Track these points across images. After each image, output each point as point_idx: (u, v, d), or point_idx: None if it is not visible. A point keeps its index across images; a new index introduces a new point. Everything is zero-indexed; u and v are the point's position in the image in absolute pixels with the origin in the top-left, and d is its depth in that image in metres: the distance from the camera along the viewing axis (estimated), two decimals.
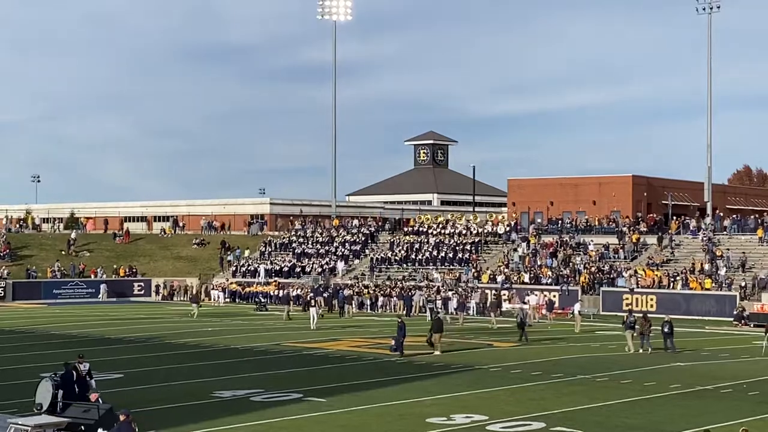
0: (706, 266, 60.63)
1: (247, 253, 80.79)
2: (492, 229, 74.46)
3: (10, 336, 45.29)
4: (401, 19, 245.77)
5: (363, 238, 78.25)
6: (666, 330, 39.59)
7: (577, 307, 51.38)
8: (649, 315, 42.36)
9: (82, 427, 19.51)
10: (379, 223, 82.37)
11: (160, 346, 41.19)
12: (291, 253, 78.49)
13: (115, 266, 78.69)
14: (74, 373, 24.08)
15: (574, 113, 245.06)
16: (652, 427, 23.38)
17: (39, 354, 36.87)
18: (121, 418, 19.21)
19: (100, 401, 19.56)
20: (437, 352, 37.51)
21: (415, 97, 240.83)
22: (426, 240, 74.74)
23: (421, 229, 77.51)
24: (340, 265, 73.52)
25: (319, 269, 73.75)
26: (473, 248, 71.68)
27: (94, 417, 20.17)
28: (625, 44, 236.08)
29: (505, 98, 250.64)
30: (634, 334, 39.63)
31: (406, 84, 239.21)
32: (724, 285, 58.43)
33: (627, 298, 59.46)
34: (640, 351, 38.83)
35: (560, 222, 74.51)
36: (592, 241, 68.28)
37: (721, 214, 72.60)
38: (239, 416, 24.30)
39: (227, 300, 70.84)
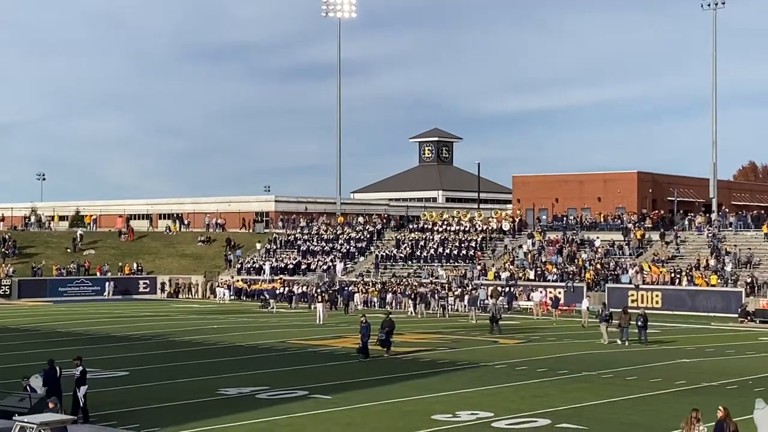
0: (712, 262, 60.53)
1: (258, 245, 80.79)
2: (497, 226, 74.44)
3: (16, 334, 45.37)
4: (406, 16, 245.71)
5: (368, 236, 78.24)
6: (640, 323, 41.26)
7: (585, 303, 51.62)
8: (629, 309, 44.75)
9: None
10: (384, 221, 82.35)
11: (166, 343, 41.23)
12: (296, 250, 78.54)
13: (120, 264, 78.79)
14: (58, 369, 24.18)
15: (579, 110, 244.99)
16: (658, 424, 23.35)
17: (43, 352, 36.84)
18: (50, 405, 20.38)
19: (58, 408, 20.50)
20: (386, 355, 35.89)
21: (419, 95, 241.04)
22: (431, 237, 74.71)
23: (426, 226, 77.48)
24: (339, 266, 73.10)
25: (324, 267, 73.76)
26: (478, 245, 71.64)
27: (27, 406, 21.80)
28: (629, 41, 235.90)
29: (510, 95, 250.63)
30: (609, 327, 41.74)
31: (411, 81, 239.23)
32: (729, 281, 58.33)
33: (632, 295, 59.38)
34: (618, 342, 40.56)
35: (565, 219, 74.45)
36: (597, 237, 68.21)
37: (727, 210, 72.49)
38: (244, 414, 24.30)
39: (233, 297, 71.00)
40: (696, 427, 18.18)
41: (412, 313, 57.13)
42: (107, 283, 74.88)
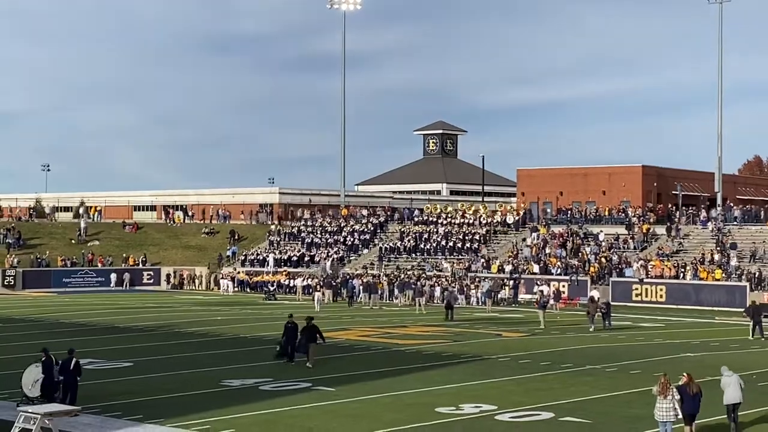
0: (716, 257, 60.45)
1: (271, 226, 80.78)
2: (501, 219, 74.38)
3: (20, 324, 45.44)
4: (411, 8, 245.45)
5: (372, 228, 78.21)
6: (604, 310, 44.52)
7: (596, 294, 51.80)
8: (596, 298, 47.52)
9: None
10: (388, 213, 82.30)
11: (170, 334, 41.29)
12: (300, 242, 78.53)
13: (124, 255, 78.85)
14: (53, 359, 24.31)
15: (585, 103, 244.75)
16: None
17: (47, 342, 36.86)
18: None
19: None
20: (308, 365, 31.04)
21: (424, 87, 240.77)
22: (435, 230, 74.67)
23: (430, 218, 77.43)
24: (327, 264, 72.60)
25: (329, 259, 73.68)
26: (482, 238, 71.59)
27: None
28: (635, 34, 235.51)
29: (514, 88, 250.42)
30: (543, 313, 45.41)
31: (416, 74, 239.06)
32: (734, 275, 58.25)
33: (636, 288, 59.38)
34: (591, 329, 43.11)
35: (570, 212, 74.37)
36: (601, 231, 68.14)
37: (732, 204, 72.37)
38: (248, 405, 24.33)
39: (236, 289, 71.04)
40: (670, 389, 19.93)
41: (400, 304, 58.24)
42: (115, 274, 74.89)
